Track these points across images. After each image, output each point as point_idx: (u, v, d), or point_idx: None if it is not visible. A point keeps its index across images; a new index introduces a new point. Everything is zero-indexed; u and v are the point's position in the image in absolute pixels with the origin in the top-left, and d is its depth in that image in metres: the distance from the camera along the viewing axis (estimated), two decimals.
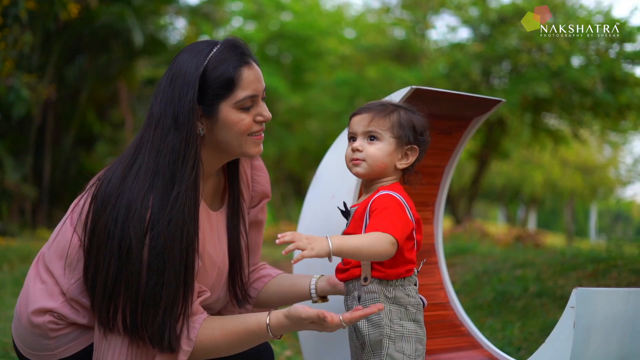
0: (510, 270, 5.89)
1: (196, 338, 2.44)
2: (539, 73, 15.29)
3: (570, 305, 2.34)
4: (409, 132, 2.52)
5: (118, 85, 15.79)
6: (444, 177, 3.29)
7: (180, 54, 2.55)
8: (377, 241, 2.31)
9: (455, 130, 3.18)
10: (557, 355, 2.36)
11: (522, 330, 4.77)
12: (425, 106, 2.95)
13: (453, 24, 18.44)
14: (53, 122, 14.48)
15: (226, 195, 2.76)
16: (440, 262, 3.28)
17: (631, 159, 31.77)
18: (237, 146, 2.54)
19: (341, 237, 2.31)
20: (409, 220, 2.43)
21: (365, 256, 2.33)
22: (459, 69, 16.09)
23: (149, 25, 15.23)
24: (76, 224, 2.55)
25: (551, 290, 5.24)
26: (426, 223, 3.30)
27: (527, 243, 10.60)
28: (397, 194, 2.46)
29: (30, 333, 2.57)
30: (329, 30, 20.78)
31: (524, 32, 15.57)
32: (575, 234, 32.71)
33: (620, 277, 5.05)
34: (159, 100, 2.48)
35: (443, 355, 2.98)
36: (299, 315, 2.38)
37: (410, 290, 2.46)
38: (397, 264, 2.44)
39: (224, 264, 2.67)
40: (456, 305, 3.22)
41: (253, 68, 2.52)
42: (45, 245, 2.67)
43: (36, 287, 2.58)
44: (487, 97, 3.06)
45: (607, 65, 14.83)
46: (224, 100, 2.48)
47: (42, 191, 14.20)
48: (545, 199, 32.37)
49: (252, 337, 2.47)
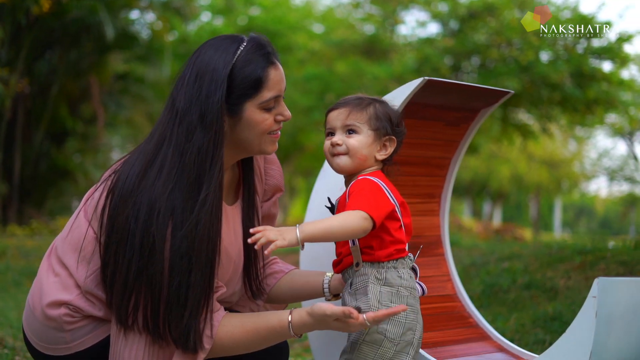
0: (497, 263, 5.92)
1: (216, 336, 2.42)
2: (508, 68, 15.42)
3: (592, 295, 2.34)
4: (386, 124, 2.53)
5: (89, 80, 15.63)
6: (450, 169, 3.29)
7: (204, 48, 2.49)
8: (348, 218, 2.31)
9: (462, 121, 3.18)
10: (579, 345, 2.36)
11: (513, 322, 4.79)
12: (434, 97, 2.96)
13: (422, 19, 18.51)
14: (23, 118, 14.31)
15: (240, 188, 2.73)
16: (447, 253, 3.28)
17: (595, 154, 32.17)
18: (257, 144, 2.53)
19: (311, 222, 2.31)
20: (386, 199, 2.42)
21: (339, 235, 2.32)
22: (429, 64, 16.17)
23: (121, 19, 15.11)
24: (91, 217, 2.50)
25: (540, 282, 5.27)
26: (432, 215, 3.31)
27: (506, 236, 10.69)
28: (376, 178, 2.47)
29: (44, 326, 2.52)
30: (298, 25, 20.77)
31: (493, 27, 15.70)
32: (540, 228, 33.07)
33: (609, 268, 5.10)
34: (184, 96, 2.43)
35: (453, 347, 2.98)
36: (324, 312, 2.33)
37: (404, 274, 2.44)
38: (385, 244, 2.42)
39: (239, 258, 2.64)
40: (463, 296, 3.22)
41: (278, 68, 2.51)
42: (58, 237, 2.62)
43: (50, 280, 2.53)
44: (496, 89, 3.07)
45: (575, 60, 15.01)
46: (249, 99, 2.45)
47: (12, 187, 14.03)
48: (511, 193, 32.67)
49: (273, 335, 2.44)
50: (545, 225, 36.96)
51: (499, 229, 13.05)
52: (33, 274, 7.91)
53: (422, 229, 3.25)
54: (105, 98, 16.11)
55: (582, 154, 31.95)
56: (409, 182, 3.17)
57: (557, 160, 29.61)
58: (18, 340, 4.72)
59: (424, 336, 2.95)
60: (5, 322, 5.38)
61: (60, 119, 15.59)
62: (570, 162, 30.92)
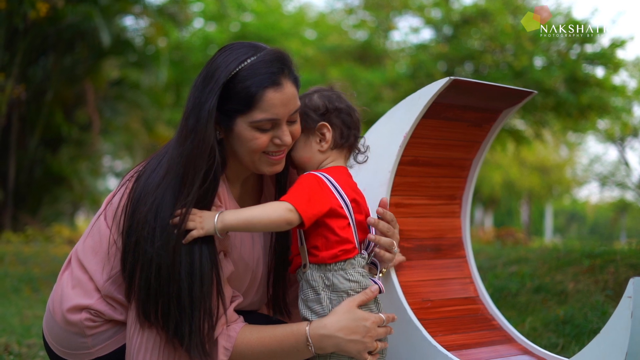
0: (504, 267, 5.89)
1: (233, 347, 2.37)
2: (502, 74, 15.45)
3: (628, 295, 2.32)
4: (311, 116, 2.53)
5: (84, 86, 15.56)
6: (471, 170, 3.26)
7: (221, 52, 2.42)
8: (270, 208, 2.31)
9: (485, 122, 3.16)
10: (614, 345, 2.34)
11: (525, 326, 4.76)
12: (457, 97, 2.93)
13: (416, 25, 18.55)
14: (18, 124, 14.26)
15: (262, 197, 2.69)
16: (469, 256, 3.25)
17: (587, 159, 32.26)
18: (250, 162, 2.44)
19: (234, 211, 2.30)
20: (324, 196, 2.39)
21: (259, 226, 2.31)
22: (423, 70, 16.19)
23: (115, 25, 15.07)
24: (112, 221, 2.46)
25: (549, 285, 5.24)
26: (453, 217, 3.27)
27: (508, 240, 10.69)
28: (323, 173, 2.45)
29: (65, 331, 2.48)
30: (290, 32, 20.80)
31: (487, 32, 15.74)
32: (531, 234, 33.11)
33: (618, 271, 5.07)
34: (191, 98, 2.38)
35: (479, 350, 2.94)
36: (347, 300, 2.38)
37: (353, 275, 2.41)
38: (331, 244, 2.39)
39: (258, 267, 2.59)
40: (486, 299, 3.19)
41: (280, 91, 2.35)
42: (79, 241, 2.59)
43: (70, 284, 2.50)
44: (520, 89, 3.04)
45: (569, 65, 15.06)
46: (241, 115, 2.36)
47: (6, 194, 13.95)
48: (502, 199, 32.71)
49: (291, 342, 2.39)
50: (536, 231, 36.98)
51: (500, 233, 13.03)
52: (32, 280, 7.88)
53: (443, 231, 3.22)
54: (100, 104, 16.05)
55: (573, 160, 32.07)
56: (432, 184, 3.14)
57: (549, 166, 29.70)
58: (23, 346, 4.68)
59: (449, 339, 2.94)
60: (9, 329, 5.34)
61: (55, 125, 15.51)
62: (561, 167, 31.01)
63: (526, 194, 31.67)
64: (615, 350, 2.34)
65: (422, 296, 3.00)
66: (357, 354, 2.38)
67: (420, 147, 3.00)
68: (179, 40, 19.63)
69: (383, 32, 19.47)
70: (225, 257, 2.41)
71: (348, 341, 2.36)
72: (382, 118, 3.05)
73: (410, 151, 2.95)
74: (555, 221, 41.27)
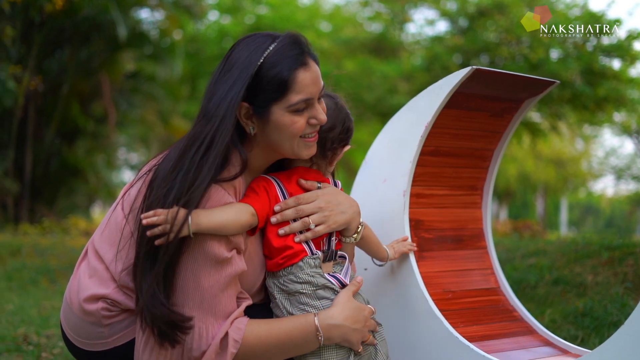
0: (523, 259, 5.87)
1: (242, 339, 2.35)
2: (518, 66, 15.38)
3: None
4: None
5: (100, 79, 15.58)
6: (492, 161, 3.24)
7: (238, 45, 2.42)
8: (239, 213, 2.30)
9: (506, 112, 3.14)
10: (637, 337, 2.31)
11: (544, 318, 4.74)
12: (480, 87, 2.91)
13: (431, 17, 18.49)
14: (34, 116, 14.30)
15: None
16: (490, 247, 3.24)
17: (602, 152, 32.11)
18: (289, 147, 2.44)
19: (207, 214, 2.25)
20: (265, 200, 2.41)
21: (230, 229, 2.28)
22: (439, 62, 16.14)
23: (131, 18, 15.08)
24: (128, 212, 2.45)
25: (568, 278, 5.22)
26: (474, 207, 3.26)
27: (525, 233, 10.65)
28: (273, 177, 2.49)
29: (82, 321, 2.48)
30: (305, 24, 20.72)
31: (502, 25, 15.66)
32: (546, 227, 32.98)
33: (638, 264, 5.04)
34: (211, 91, 2.38)
35: (502, 340, 2.93)
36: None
37: (302, 277, 2.41)
38: (273, 252, 2.43)
39: (262, 270, 2.57)
40: (507, 290, 3.17)
41: (309, 70, 2.38)
42: (96, 231, 2.59)
43: (87, 274, 2.50)
44: (542, 79, 3.02)
45: (586, 58, 14.97)
46: (276, 102, 2.36)
47: (23, 186, 14.01)
48: (517, 192, 32.61)
49: (300, 332, 2.37)
50: (552, 224, 36.86)
51: (517, 225, 12.99)
52: (49, 272, 7.91)
53: (464, 222, 3.20)
54: (116, 96, 16.07)
55: (589, 153, 31.91)
56: (453, 174, 3.13)
57: (564, 158, 29.57)
58: (42, 336, 4.70)
59: (471, 330, 2.93)
60: (27, 320, 5.36)
61: (71, 118, 15.55)
62: (577, 160, 30.87)
63: (541, 186, 31.56)
64: (638, 342, 2.31)
65: (443, 287, 2.99)
66: (356, 343, 2.40)
67: (442, 137, 2.99)
68: (194, 32, 19.66)
69: (398, 25, 19.41)
70: (238, 254, 2.39)
71: (353, 330, 2.39)
72: (403, 108, 3.04)
73: (432, 141, 2.94)
74: (570, 214, 41.12)
